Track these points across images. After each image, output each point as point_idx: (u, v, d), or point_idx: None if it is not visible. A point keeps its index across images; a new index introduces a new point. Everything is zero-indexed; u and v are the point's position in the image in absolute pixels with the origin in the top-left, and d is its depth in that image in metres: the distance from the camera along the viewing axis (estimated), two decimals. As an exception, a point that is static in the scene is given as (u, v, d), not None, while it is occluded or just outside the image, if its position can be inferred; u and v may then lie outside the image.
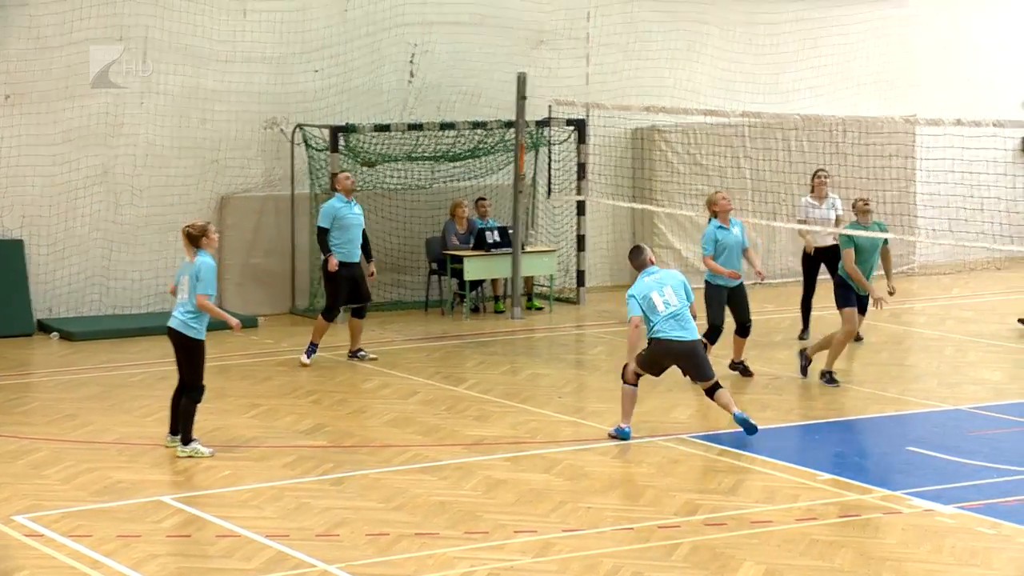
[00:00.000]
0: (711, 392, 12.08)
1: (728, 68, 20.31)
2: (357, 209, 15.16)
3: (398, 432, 12.48)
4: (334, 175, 16.27)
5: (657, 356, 12.05)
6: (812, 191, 16.14)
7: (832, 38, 20.90)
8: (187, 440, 11.61)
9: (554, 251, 18.59)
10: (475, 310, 18.17)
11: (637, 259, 12.31)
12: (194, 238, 11.63)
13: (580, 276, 18.91)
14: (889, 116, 18.31)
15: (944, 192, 18.19)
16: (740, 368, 14.32)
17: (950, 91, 21.26)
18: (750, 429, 11.89)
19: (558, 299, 18.66)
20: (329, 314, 15.07)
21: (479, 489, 10.72)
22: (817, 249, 15.95)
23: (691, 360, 12.04)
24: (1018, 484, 10.76)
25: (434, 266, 18.22)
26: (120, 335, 16.46)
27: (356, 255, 15.05)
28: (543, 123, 18.51)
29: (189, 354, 11.61)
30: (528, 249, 18.09)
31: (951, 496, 10.44)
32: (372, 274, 15.59)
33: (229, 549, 9.42)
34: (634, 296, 12.01)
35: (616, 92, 19.37)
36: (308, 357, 15.01)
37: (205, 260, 11.57)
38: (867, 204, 14.04)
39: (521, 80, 17.80)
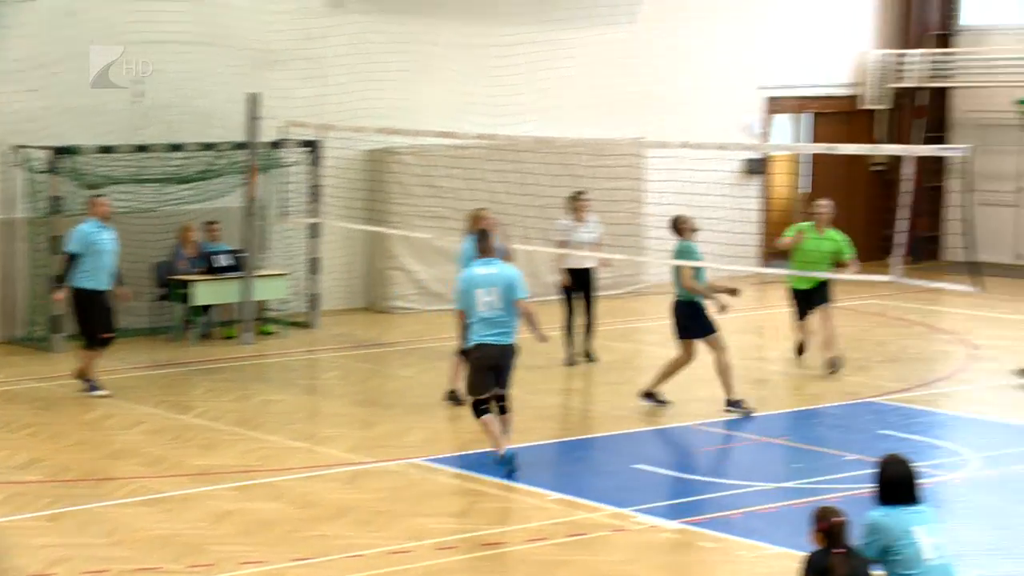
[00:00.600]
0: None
1: (462, 90, 20.46)
2: (109, 235, 14.66)
3: (120, 464, 12.12)
4: (84, 199, 15.62)
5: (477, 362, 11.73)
6: (573, 212, 16.30)
7: (563, 60, 21.25)
8: None
9: (286, 274, 18.38)
10: (204, 336, 17.81)
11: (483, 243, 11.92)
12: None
13: (313, 299, 18.75)
14: (618, 138, 18.79)
15: (672, 213, 18.65)
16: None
17: (676, 114, 21.84)
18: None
19: (291, 323, 18.46)
20: (91, 343, 14.50)
21: (204, 520, 10.50)
22: (574, 271, 16.08)
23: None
24: (740, 497, 11.11)
25: (162, 291, 17.79)
26: None
27: (106, 283, 14.55)
28: (276, 144, 18.30)
29: None
30: (259, 273, 17.83)
31: (677, 511, 10.72)
32: (127, 296, 15.16)
33: (-67, 594, 8.97)
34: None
35: (351, 113, 19.29)
36: (94, 392, 14.42)
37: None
38: (686, 222, 14.08)
39: (253, 100, 17.57)
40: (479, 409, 11.75)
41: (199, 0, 18.51)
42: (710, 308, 13.81)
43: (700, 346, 13.83)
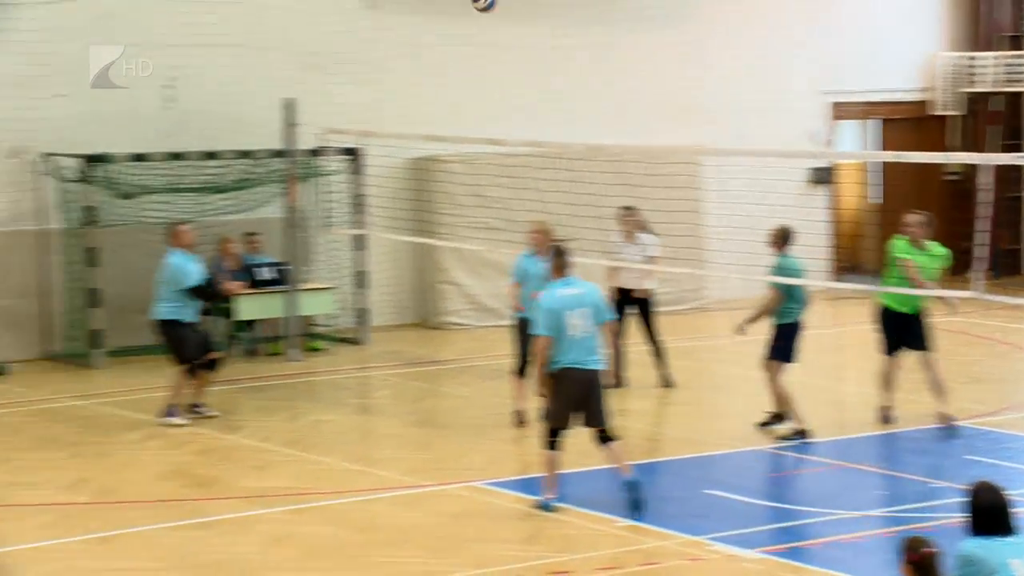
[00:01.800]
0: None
1: (512, 95, 20.59)
2: (196, 265, 14.67)
3: (170, 485, 12.30)
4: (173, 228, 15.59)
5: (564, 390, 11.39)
6: (622, 229, 16.23)
7: (620, 65, 21.35)
8: None
9: (332, 288, 18.55)
10: (250, 352, 18.01)
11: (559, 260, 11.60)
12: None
13: (362, 315, 18.92)
14: (675, 145, 18.85)
15: (733, 224, 18.71)
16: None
17: (739, 121, 21.91)
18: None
19: (339, 339, 18.63)
20: (189, 370, 14.45)
21: (259, 545, 10.65)
22: (622, 290, 16.03)
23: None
24: (821, 526, 11.14)
25: (204, 306, 17.97)
26: None
27: (194, 314, 14.61)
28: (315, 152, 18.46)
29: None
30: (304, 286, 18.02)
31: (754, 540, 10.72)
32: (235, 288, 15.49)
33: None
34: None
35: (394, 120, 19.45)
36: (179, 418, 14.48)
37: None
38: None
39: (289, 106, 17.74)
40: (553, 441, 11.52)
41: (236, 2, 18.72)
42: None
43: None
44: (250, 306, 17.61)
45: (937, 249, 14.31)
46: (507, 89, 20.60)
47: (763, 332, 13.93)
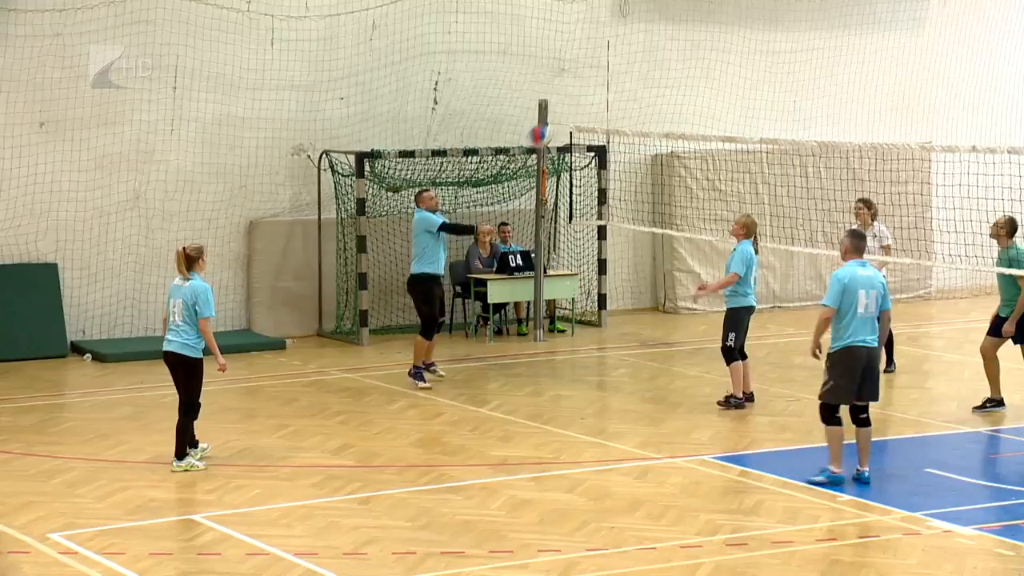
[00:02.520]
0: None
1: (746, 95, 20.33)
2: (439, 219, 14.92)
3: (424, 452, 12.48)
4: (414, 192, 15.96)
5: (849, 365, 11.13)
6: (857, 220, 15.83)
7: (849, 65, 20.92)
8: (182, 455, 11.70)
9: (576, 275, 18.59)
10: (498, 332, 18.18)
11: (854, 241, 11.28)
12: (192, 260, 11.69)
13: (602, 299, 18.91)
14: (905, 143, 18.32)
15: (960, 218, 18.12)
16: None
17: (966, 118, 21.22)
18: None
19: (580, 322, 18.66)
20: (428, 333, 14.84)
21: (504, 509, 10.70)
22: None
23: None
24: (1037, 506, 10.71)
25: (458, 289, 18.24)
26: (152, 357, 16.35)
27: (442, 268, 14.91)
28: (564, 149, 18.54)
29: (190, 373, 11.74)
30: (550, 273, 18.10)
31: (970, 518, 10.38)
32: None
33: (259, 567, 9.42)
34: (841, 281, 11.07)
35: (636, 119, 19.41)
36: (419, 381, 14.84)
37: (202, 284, 11.68)
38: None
39: (542, 107, 17.84)
40: (835, 416, 11.24)
41: (493, 11, 18.90)
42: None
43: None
44: (500, 290, 17.75)
45: None
46: (741, 91, 20.33)
47: (983, 320, 13.43)
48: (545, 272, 17.85)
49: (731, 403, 13.85)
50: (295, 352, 17.09)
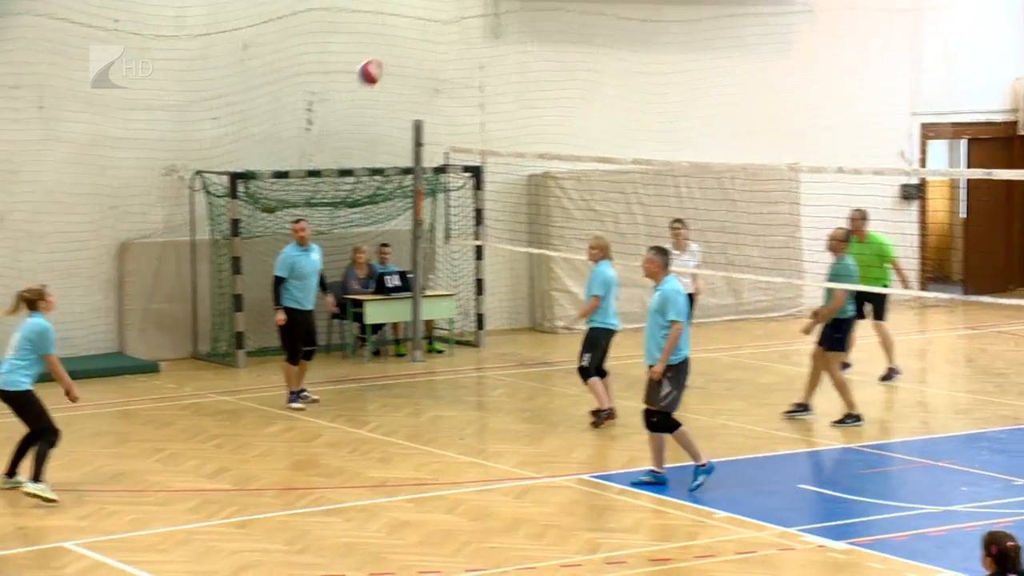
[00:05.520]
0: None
1: (621, 116, 20.55)
2: (315, 256, 14.99)
3: (302, 475, 12.40)
4: (282, 224, 16.07)
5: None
6: (673, 240, 16.09)
7: (720, 87, 21.23)
8: (37, 478, 11.44)
9: (453, 295, 18.63)
10: (376, 353, 18.14)
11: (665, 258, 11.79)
12: (30, 301, 11.65)
13: (479, 319, 18.97)
14: (774, 163, 18.69)
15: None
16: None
17: (833, 138, 21.65)
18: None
19: (458, 342, 18.70)
20: (293, 359, 14.87)
21: (384, 530, 10.69)
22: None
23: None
24: (906, 520, 10.96)
25: (336, 310, 18.14)
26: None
27: (310, 303, 14.89)
28: (440, 169, 18.58)
29: (25, 406, 11.58)
30: (428, 293, 18.11)
31: (842, 532, 10.60)
32: (334, 305, 15.75)
33: (136, 595, 9.29)
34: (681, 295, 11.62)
35: (511, 139, 19.51)
36: (294, 403, 14.81)
37: (44, 323, 11.60)
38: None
39: (417, 127, 17.87)
40: (677, 422, 11.76)
41: (368, 32, 18.89)
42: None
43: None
44: (378, 311, 17.73)
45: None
46: (615, 112, 20.56)
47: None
48: (423, 292, 17.85)
49: (601, 417, 13.97)
50: (169, 375, 16.87)
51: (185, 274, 17.92)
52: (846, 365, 15.05)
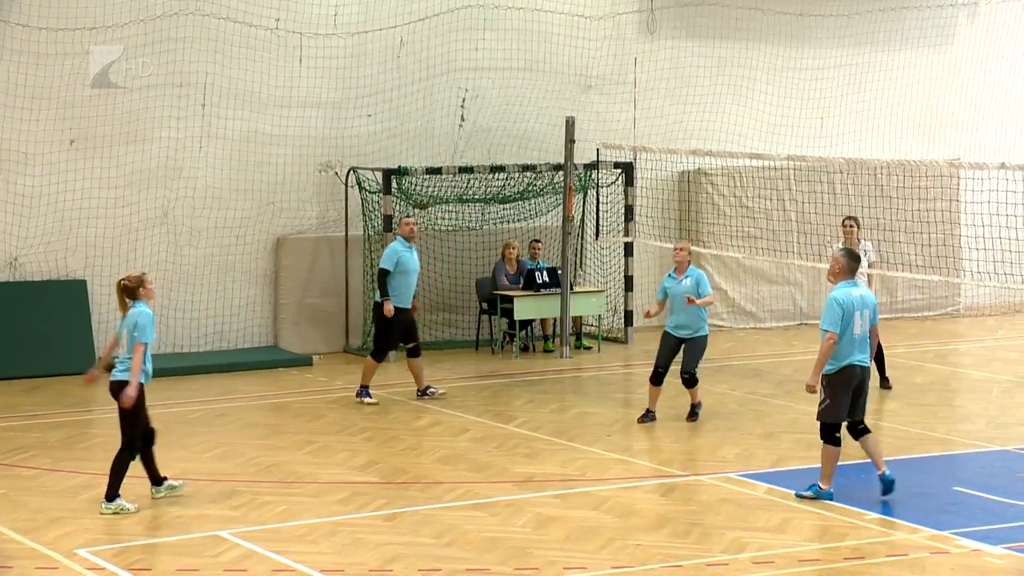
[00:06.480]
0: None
1: (774, 112, 20.31)
2: (416, 255, 15.16)
3: (449, 469, 12.47)
4: (398, 218, 16.32)
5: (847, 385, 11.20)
6: (843, 239, 15.79)
7: (876, 82, 20.87)
8: (112, 497, 11.03)
9: (602, 291, 18.58)
10: (524, 349, 18.17)
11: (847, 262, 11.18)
12: (130, 290, 11.13)
13: (628, 316, 18.88)
14: (933, 159, 18.27)
15: (988, 235, 18.06)
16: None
17: (994, 134, 21.14)
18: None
19: (606, 339, 18.63)
20: (379, 356, 15.07)
21: (529, 526, 10.68)
22: None
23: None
24: (1066, 525, 10.62)
25: (484, 306, 18.25)
26: (179, 373, 16.52)
27: (409, 300, 15.05)
28: (591, 166, 18.54)
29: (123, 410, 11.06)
30: (577, 289, 18.09)
31: (999, 537, 10.30)
32: (415, 308, 15.71)
33: (285, 583, 9.43)
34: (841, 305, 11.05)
35: (663, 135, 19.42)
36: (365, 397, 15.01)
37: (147, 310, 11.09)
38: None
39: (569, 124, 17.86)
40: (835, 436, 11.25)
41: (520, 29, 18.94)
42: None
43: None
44: (527, 306, 17.75)
45: None
46: (767, 108, 20.30)
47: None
48: (572, 289, 17.83)
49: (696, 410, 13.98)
50: (321, 368, 17.12)
51: (339, 269, 18.17)
52: None
